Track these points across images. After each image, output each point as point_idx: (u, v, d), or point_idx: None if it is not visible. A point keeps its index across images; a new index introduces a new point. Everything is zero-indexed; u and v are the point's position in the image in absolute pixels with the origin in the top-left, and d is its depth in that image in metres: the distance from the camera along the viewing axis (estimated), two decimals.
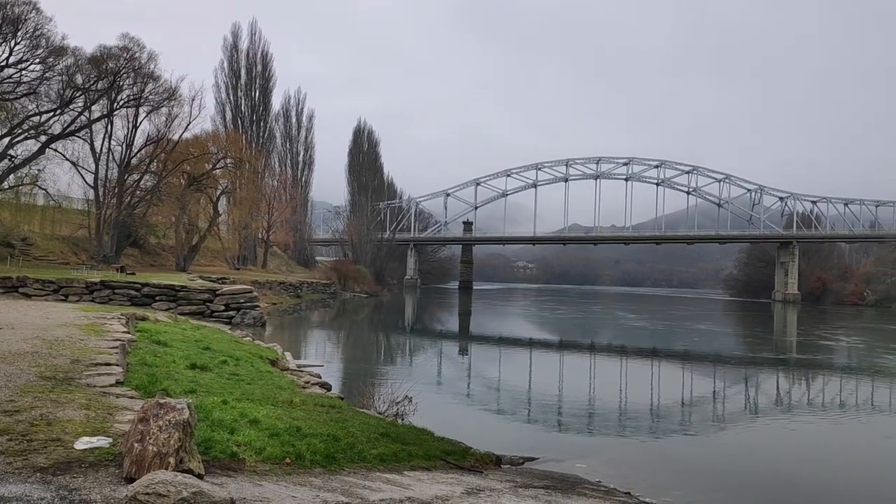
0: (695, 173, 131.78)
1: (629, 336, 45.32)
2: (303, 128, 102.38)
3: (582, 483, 10.10)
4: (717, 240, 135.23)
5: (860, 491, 11.56)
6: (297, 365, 19.31)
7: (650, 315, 70.00)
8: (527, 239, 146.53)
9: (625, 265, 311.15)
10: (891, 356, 34.24)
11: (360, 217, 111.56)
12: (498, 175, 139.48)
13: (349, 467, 7.96)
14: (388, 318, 58.95)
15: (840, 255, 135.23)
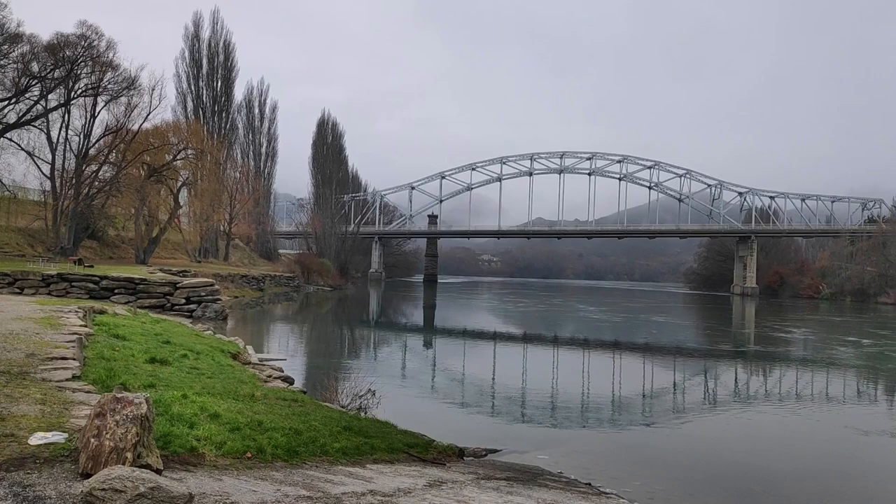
0: (656, 168, 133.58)
1: (590, 328, 45.79)
2: (266, 119, 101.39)
3: (543, 474, 10.20)
4: (678, 234, 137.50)
5: (817, 479, 11.86)
6: (259, 359, 19.14)
7: (611, 308, 70.80)
8: (491, 232, 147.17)
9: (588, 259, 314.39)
10: (844, 348, 35.12)
11: (325, 210, 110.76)
12: (463, 169, 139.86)
13: (311, 461, 7.93)
14: (353, 311, 58.72)
15: (797, 249, 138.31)
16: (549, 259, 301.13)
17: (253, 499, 5.54)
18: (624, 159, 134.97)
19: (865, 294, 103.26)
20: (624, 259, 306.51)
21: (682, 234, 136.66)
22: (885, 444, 14.94)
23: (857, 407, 19.47)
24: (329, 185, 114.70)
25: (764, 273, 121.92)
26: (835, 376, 25.31)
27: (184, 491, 4.70)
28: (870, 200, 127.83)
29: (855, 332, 45.43)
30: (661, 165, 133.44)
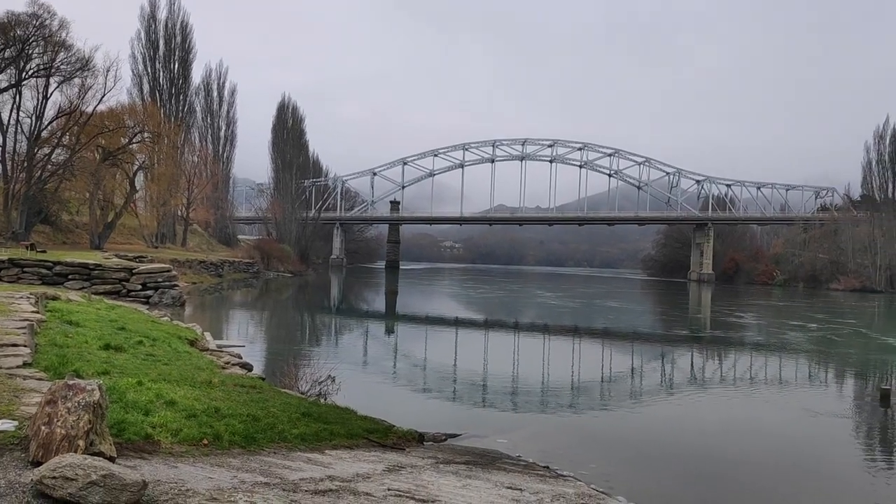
0: (616, 156, 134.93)
1: (550, 314, 46.24)
2: (224, 102, 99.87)
3: (502, 458, 10.30)
4: (637, 221, 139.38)
5: (768, 460, 12.17)
6: (218, 345, 18.94)
7: (570, 294, 71.56)
8: (454, 219, 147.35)
9: (549, 245, 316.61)
10: (794, 333, 36.03)
11: (285, 195, 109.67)
12: (425, 155, 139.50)
13: (269, 447, 7.88)
14: (313, 297, 58.39)
15: (752, 236, 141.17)
16: (511, 246, 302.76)
17: (209, 485, 5.50)
18: (584, 147, 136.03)
19: (817, 280, 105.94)
20: (584, 246, 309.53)
21: (641, 221, 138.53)
22: (833, 425, 15.39)
23: (807, 390, 20.01)
24: (289, 170, 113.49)
25: (720, 260, 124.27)
26: (786, 360, 25.97)
27: (137, 478, 4.64)
28: (823, 189, 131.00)
29: (805, 318, 46.62)
30: (621, 153, 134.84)
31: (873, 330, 40.13)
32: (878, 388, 18.43)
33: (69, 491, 4.38)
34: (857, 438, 14.74)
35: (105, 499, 4.44)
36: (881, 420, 16.19)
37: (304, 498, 5.51)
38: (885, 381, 21.03)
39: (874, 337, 35.33)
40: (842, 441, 14.07)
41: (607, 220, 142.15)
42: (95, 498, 4.40)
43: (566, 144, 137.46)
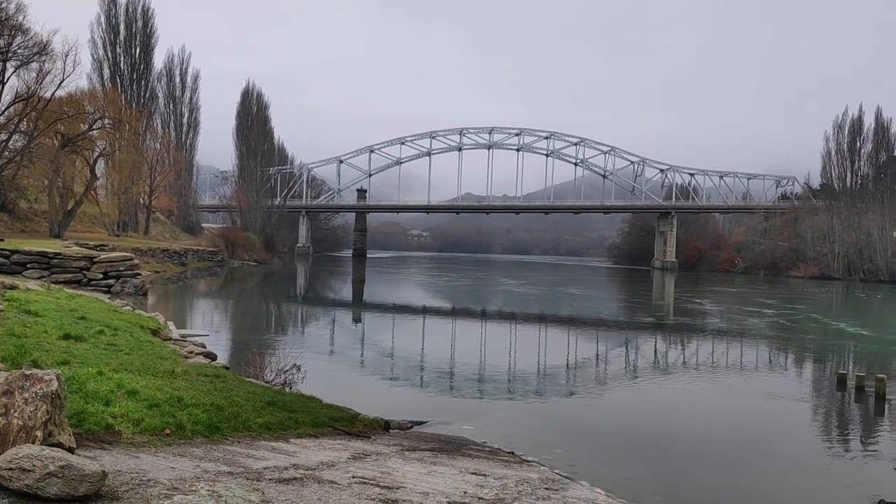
0: (582, 145, 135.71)
1: (517, 302, 46.51)
2: (187, 88, 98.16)
3: (468, 444, 10.36)
4: (602, 210, 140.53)
5: (730, 442, 12.42)
6: (181, 335, 18.73)
7: (537, 283, 72.04)
8: (421, 207, 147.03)
9: (516, 234, 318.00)
10: (754, 319, 36.73)
11: (249, 183, 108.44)
12: (392, 143, 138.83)
13: (233, 436, 7.84)
14: (279, 286, 57.97)
15: (714, 224, 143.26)
16: (478, 234, 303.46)
17: (171, 475, 5.45)
18: (551, 136, 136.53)
19: (778, 268, 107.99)
20: (550, 234, 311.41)
21: (606, 209, 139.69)
22: (792, 409, 15.76)
23: (767, 374, 20.44)
24: (254, 157, 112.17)
25: (683, 248, 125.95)
26: (746, 346, 26.49)
27: (97, 469, 4.57)
28: (783, 178, 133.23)
29: (764, 305, 47.54)
30: (587, 142, 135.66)
31: (829, 316, 41.08)
32: (836, 373, 18.92)
33: (26, 482, 4.31)
34: (814, 421, 15.13)
35: (63, 490, 4.38)
36: (838, 404, 16.62)
37: (268, 486, 5.49)
38: (841, 367, 21.57)
39: (828, 323, 36.17)
40: (800, 424, 14.42)
41: (573, 209, 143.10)
42: (53, 489, 4.34)
43: (533, 133, 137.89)
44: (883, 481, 10.12)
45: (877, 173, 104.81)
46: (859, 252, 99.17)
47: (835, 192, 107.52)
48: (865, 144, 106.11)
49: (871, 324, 37.05)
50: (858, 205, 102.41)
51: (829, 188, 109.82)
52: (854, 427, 14.54)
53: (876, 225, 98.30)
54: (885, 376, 16.52)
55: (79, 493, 4.43)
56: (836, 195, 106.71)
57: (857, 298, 62.11)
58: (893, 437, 13.29)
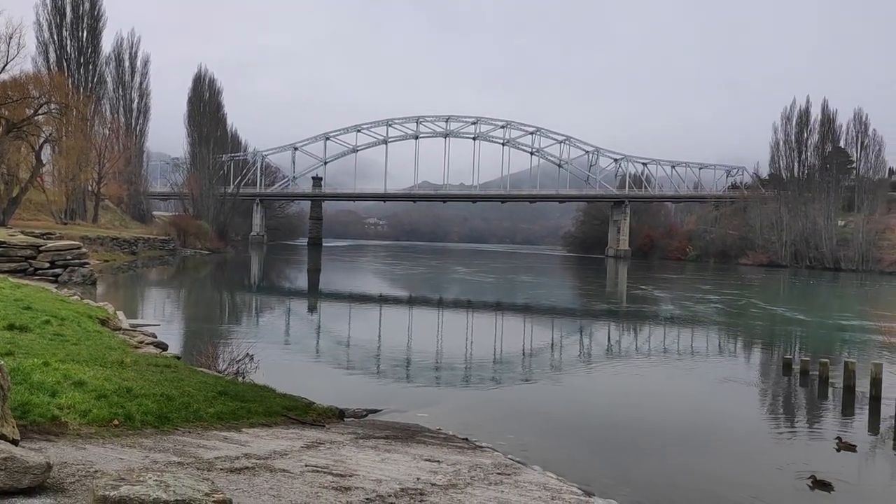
0: (538, 134, 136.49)
1: (473, 290, 46.71)
2: (137, 73, 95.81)
3: (422, 431, 10.40)
4: (557, 198, 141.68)
5: (680, 425, 12.70)
6: (131, 324, 18.38)
7: (494, 271, 72.42)
8: (377, 196, 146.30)
9: (472, 222, 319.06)
10: (704, 306, 37.52)
11: (202, 170, 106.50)
12: (348, 130, 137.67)
13: (184, 427, 7.74)
14: (233, 275, 57.22)
15: (667, 213, 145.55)
16: (435, 222, 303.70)
17: (119, 466, 5.37)
18: (507, 125, 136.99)
19: (728, 256, 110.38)
20: (507, 223, 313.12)
21: (562, 198, 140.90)
22: (740, 392, 16.18)
23: (716, 360, 20.95)
24: (206, 144, 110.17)
25: (636, 236, 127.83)
26: (696, 332, 27.10)
27: (41, 461, 4.49)
28: (734, 168, 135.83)
29: (715, 292, 48.59)
30: (543, 132, 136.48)
31: (776, 303, 42.17)
32: (782, 358, 19.48)
33: None
34: (761, 404, 15.56)
35: (6, 482, 4.28)
36: (784, 387, 17.13)
37: (219, 476, 5.45)
38: (787, 352, 22.21)
39: (775, 309, 37.11)
40: (747, 407, 14.82)
41: (529, 198, 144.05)
42: None
43: (489, 122, 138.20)
44: (820, 460, 10.49)
45: (823, 163, 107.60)
46: (806, 240, 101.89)
47: (783, 182, 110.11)
48: (812, 135, 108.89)
49: (816, 310, 38.17)
50: (805, 194, 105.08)
51: (778, 178, 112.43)
52: (798, 409, 15.00)
53: (822, 214, 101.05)
54: (829, 360, 17.05)
55: (22, 485, 4.35)
56: (784, 185, 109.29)
57: (803, 285, 63.88)
58: (834, 418, 13.74)
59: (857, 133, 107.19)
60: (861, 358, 18.75)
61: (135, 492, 3.92)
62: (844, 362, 16.29)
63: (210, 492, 4.08)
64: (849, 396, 15.07)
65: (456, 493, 6.14)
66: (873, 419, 13.62)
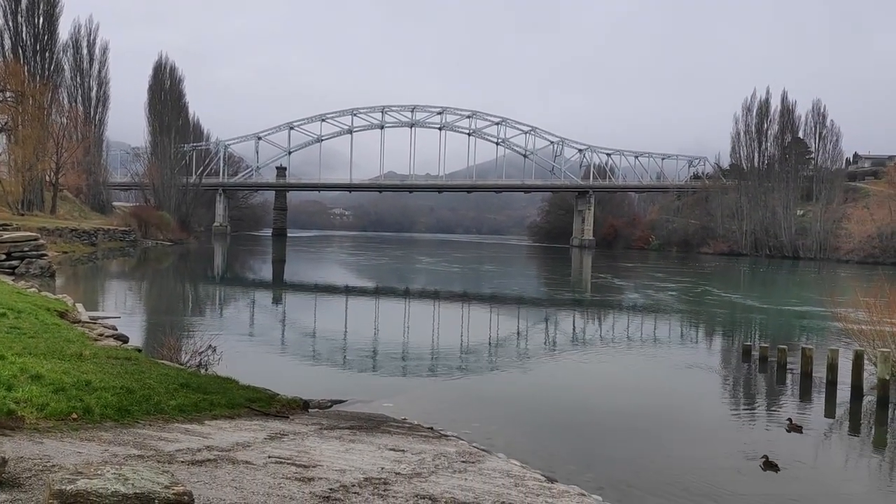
0: (504, 125, 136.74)
1: (440, 280, 46.77)
2: (95, 61, 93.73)
3: (388, 421, 10.41)
4: (523, 189, 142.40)
5: (643, 411, 12.89)
6: (91, 317, 18.06)
7: (461, 261, 72.55)
8: (342, 186, 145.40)
9: (439, 213, 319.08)
10: (667, 294, 38.06)
11: (163, 160, 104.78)
12: (312, 119, 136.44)
13: (144, 420, 7.64)
14: (195, 266, 56.50)
15: (630, 203, 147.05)
16: (401, 213, 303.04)
17: (77, 460, 5.28)
18: (473, 115, 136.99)
19: (689, 245, 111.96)
20: (473, 213, 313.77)
21: (527, 188, 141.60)
22: (701, 379, 16.49)
23: (677, 347, 21.28)
24: (168, 133, 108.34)
25: (600, 226, 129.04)
26: (659, 320, 27.48)
27: None
28: (695, 158, 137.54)
29: (677, 280, 49.31)
30: (508, 122, 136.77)
31: (736, 291, 42.93)
32: (742, 345, 19.86)
33: None
34: (721, 390, 15.87)
35: None
36: (744, 374, 17.48)
37: (180, 469, 5.40)
38: (747, 339, 22.65)
39: (735, 297, 37.79)
40: (707, 393, 15.09)
41: (495, 188, 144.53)
42: None
43: (455, 112, 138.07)
44: (776, 443, 10.76)
45: (782, 154, 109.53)
46: (765, 229, 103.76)
47: (743, 172, 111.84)
48: (772, 126, 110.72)
49: (775, 298, 38.94)
50: (765, 184, 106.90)
51: (738, 168, 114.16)
52: (757, 395, 15.32)
53: (781, 203, 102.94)
54: (787, 347, 17.42)
55: None
56: (744, 175, 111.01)
57: (762, 274, 65.11)
58: (790, 403, 14.06)
59: (815, 124, 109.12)
60: (818, 344, 19.19)
61: (92, 485, 3.86)
62: (802, 348, 16.65)
63: (170, 484, 4.04)
64: (806, 382, 15.42)
65: (420, 482, 6.17)
66: (829, 404, 13.97)
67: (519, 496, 6.25)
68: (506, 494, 6.22)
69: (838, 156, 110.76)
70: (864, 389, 14.36)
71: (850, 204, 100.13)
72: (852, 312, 18.70)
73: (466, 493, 5.99)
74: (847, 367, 14.90)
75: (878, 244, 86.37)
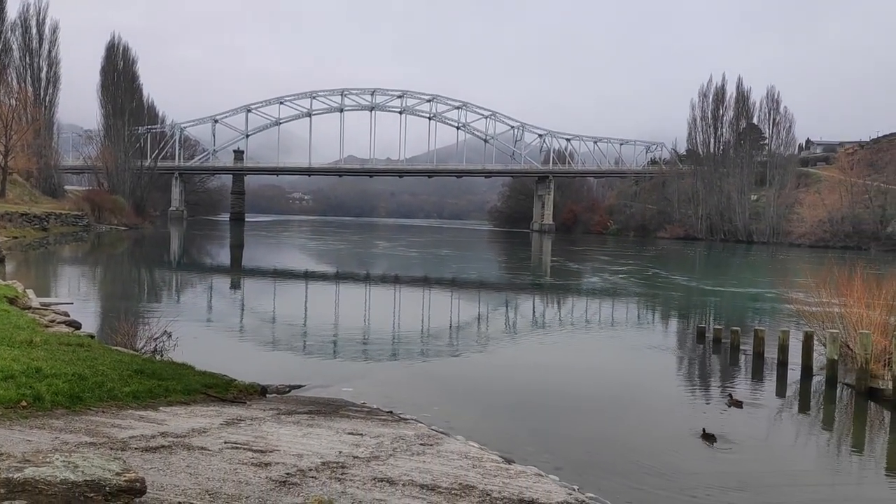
0: (464, 109, 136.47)
1: (401, 265, 46.71)
2: (45, 40, 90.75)
3: (346, 405, 10.40)
4: (483, 173, 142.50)
5: (600, 392, 13.09)
6: (42, 303, 17.64)
7: (422, 245, 72.52)
8: (301, 170, 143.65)
9: (400, 197, 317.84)
10: (624, 278, 38.59)
11: (117, 143, 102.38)
12: (270, 102, 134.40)
13: (97, 407, 7.51)
14: (151, 251, 55.53)
15: (589, 188, 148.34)
16: (362, 197, 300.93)
17: (26, 448, 5.17)
18: (433, 99, 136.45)
19: (647, 229, 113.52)
20: (434, 198, 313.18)
21: (488, 173, 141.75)
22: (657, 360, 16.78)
23: (634, 329, 21.63)
24: (121, 115, 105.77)
25: (560, 211, 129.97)
26: (617, 303, 27.90)
27: None
28: (653, 144, 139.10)
29: (634, 264, 49.98)
30: (469, 106, 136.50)
31: (692, 274, 43.76)
32: (696, 327, 20.25)
33: None
34: (675, 371, 16.20)
35: None
36: (698, 355, 17.85)
37: (133, 456, 5.32)
38: (701, 321, 23.08)
39: (690, 280, 38.52)
40: (661, 374, 15.38)
41: (455, 173, 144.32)
42: None
43: (415, 96, 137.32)
44: (726, 420, 11.06)
45: (737, 139, 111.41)
46: (720, 214, 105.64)
47: (699, 158, 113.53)
48: (727, 112, 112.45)
49: (729, 281, 39.76)
50: (720, 169, 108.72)
51: (695, 153, 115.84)
52: (710, 375, 15.66)
53: (736, 188, 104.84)
54: (739, 329, 17.81)
55: None
56: (700, 160, 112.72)
57: (717, 257, 66.37)
58: (743, 383, 14.40)
59: (769, 110, 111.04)
60: (770, 326, 19.64)
61: (40, 473, 3.78)
62: (754, 330, 17.06)
63: (121, 471, 3.98)
64: (758, 362, 15.81)
65: (378, 465, 6.18)
66: (780, 383, 14.35)
67: (476, 477, 6.31)
68: (463, 476, 6.27)
69: (791, 142, 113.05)
70: (814, 369, 14.77)
71: (803, 189, 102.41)
72: (803, 295, 19.19)
73: (424, 476, 6.02)
74: (798, 348, 15.31)
75: (828, 229, 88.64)
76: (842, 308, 15.81)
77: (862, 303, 15.44)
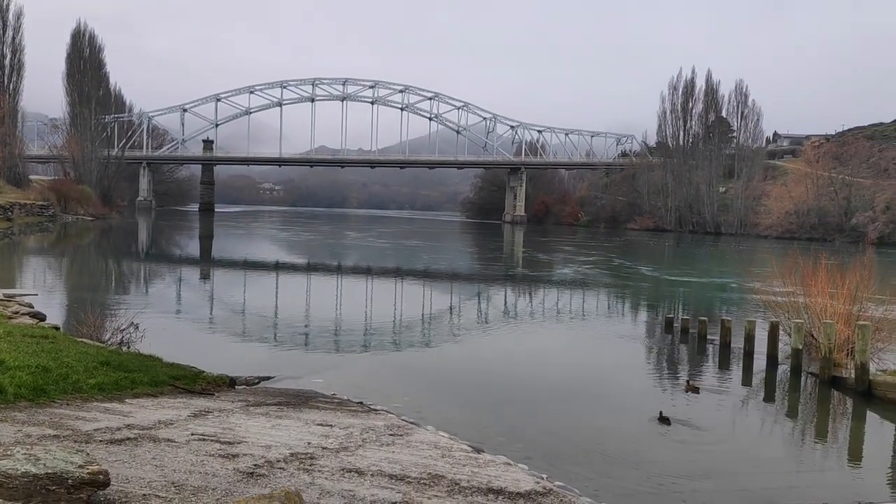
0: (436, 100, 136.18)
1: (373, 256, 46.59)
2: (9, 27, 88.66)
3: (316, 397, 10.36)
4: (455, 165, 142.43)
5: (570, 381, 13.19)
6: (5, 294, 17.32)
7: (394, 237, 72.39)
8: (272, 160, 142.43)
9: (372, 188, 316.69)
10: (594, 269, 38.91)
11: (83, 132, 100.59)
12: (240, 91, 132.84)
13: (62, 399, 7.40)
14: (118, 242, 54.72)
15: (561, 180, 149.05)
16: (333, 188, 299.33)
17: None
18: (406, 89, 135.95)
19: (617, 221, 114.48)
20: (406, 189, 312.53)
21: (460, 164, 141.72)
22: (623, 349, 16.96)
23: (604, 319, 21.84)
24: (88, 104, 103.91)
25: (532, 202, 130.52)
26: (587, 293, 28.12)
27: None
28: (623, 136, 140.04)
29: (604, 255, 50.40)
30: (441, 97, 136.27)
31: (661, 265, 44.23)
32: (665, 317, 20.49)
33: None
34: (643, 360, 16.38)
35: None
36: (667, 344, 18.06)
37: (98, 448, 5.25)
38: (670, 311, 23.35)
39: (660, 271, 38.94)
40: (629, 363, 15.56)
41: (427, 164, 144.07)
42: None
43: (387, 86, 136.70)
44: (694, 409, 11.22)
45: (706, 132, 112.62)
46: (689, 206, 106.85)
47: (669, 150, 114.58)
48: (697, 105, 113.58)
49: (697, 272, 40.26)
50: (690, 162, 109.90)
51: (664, 146, 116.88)
52: (678, 365, 15.86)
53: (704, 181, 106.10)
54: (707, 319, 18.06)
55: None
56: (670, 152, 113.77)
57: (685, 249, 67.16)
58: (710, 372, 14.63)
59: (737, 103, 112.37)
60: (737, 316, 19.94)
61: (1, 466, 3.72)
62: (721, 320, 17.31)
63: (84, 463, 3.93)
64: (725, 352, 16.05)
65: (347, 456, 6.17)
66: (746, 372, 14.58)
67: (446, 467, 6.33)
68: (433, 465, 6.29)
69: (759, 134, 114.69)
70: (780, 359, 15.03)
71: (770, 181, 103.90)
72: (769, 286, 19.49)
73: (393, 466, 6.03)
74: (764, 338, 15.56)
75: (794, 220, 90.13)
76: (806, 298, 16.09)
77: (826, 293, 15.73)
